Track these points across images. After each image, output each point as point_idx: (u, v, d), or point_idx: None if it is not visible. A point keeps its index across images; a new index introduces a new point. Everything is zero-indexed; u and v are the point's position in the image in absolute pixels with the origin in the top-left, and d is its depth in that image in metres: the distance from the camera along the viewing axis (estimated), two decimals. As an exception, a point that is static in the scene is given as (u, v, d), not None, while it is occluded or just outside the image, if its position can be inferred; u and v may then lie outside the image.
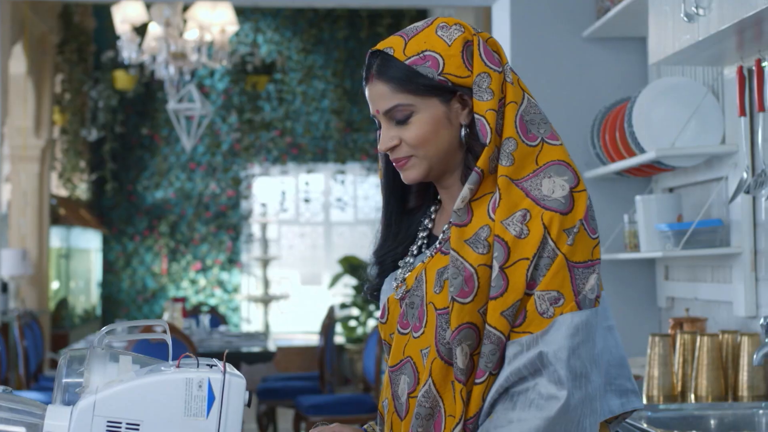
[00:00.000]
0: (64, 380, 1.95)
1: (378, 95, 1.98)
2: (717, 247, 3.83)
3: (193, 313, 9.25)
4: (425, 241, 2.07)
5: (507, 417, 1.82)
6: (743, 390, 3.53)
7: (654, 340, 3.67)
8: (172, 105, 8.74)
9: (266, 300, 12.33)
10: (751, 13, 2.97)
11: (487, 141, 1.90)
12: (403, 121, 1.96)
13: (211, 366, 1.89)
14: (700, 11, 3.28)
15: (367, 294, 2.18)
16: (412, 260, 2.06)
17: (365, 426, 2.18)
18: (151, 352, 6.52)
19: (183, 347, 6.46)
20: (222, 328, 8.81)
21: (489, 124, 1.90)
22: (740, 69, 3.60)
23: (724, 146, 3.82)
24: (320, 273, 13.30)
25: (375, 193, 13.14)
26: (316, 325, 12.54)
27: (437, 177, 2.02)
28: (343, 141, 12.72)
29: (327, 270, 13.17)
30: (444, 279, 1.92)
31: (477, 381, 1.87)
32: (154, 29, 8.21)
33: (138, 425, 1.80)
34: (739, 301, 3.78)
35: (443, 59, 1.93)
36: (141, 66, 11.11)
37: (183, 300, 7.88)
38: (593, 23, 4.73)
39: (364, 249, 12.92)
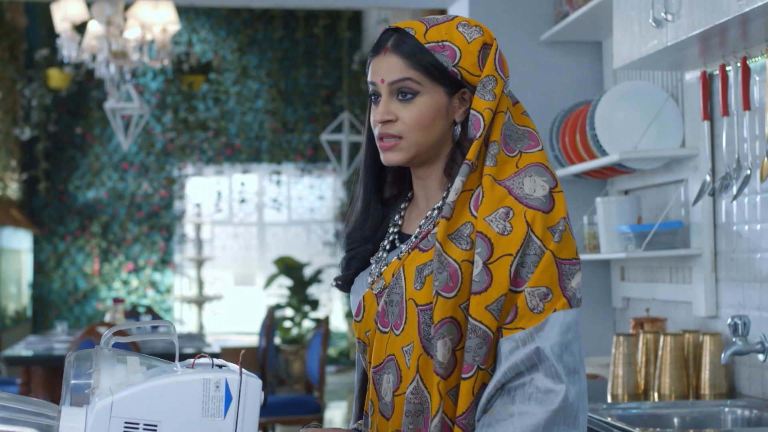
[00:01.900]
0: (73, 381, 1.94)
1: (389, 67, 2.00)
2: (677, 248, 3.90)
3: (131, 314, 9.15)
4: (396, 237, 2.10)
5: (507, 411, 1.86)
6: (705, 388, 3.60)
7: (618, 340, 3.73)
8: (111, 104, 8.65)
9: (200, 301, 12.26)
10: (724, 19, 3.03)
11: (477, 135, 1.96)
12: (406, 99, 1.99)
13: (220, 366, 1.89)
14: (669, 17, 3.34)
15: (337, 285, 2.20)
16: (385, 255, 2.08)
17: (355, 426, 2.20)
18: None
19: (127, 349, 6.41)
20: (162, 329, 8.74)
21: (484, 120, 1.96)
22: (704, 74, 3.67)
23: (685, 149, 3.89)
24: (253, 274, 13.26)
25: (309, 194, 13.12)
26: (250, 325, 12.51)
27: (417, 166, 2.05)
28: (277, 142, 12.68)
29: (260, 271, 13.13)
30: (425, 275, 1.95)
31: (465, 376, 1.90)
32: (95, 27, 8.12)
33: (155, 426, 1.80)
34: (699, 302, 3.85)
35: (460, 53, 1.98)
36: (75, 64, 10.98)
37: (122, 301, 7.77)
38: (551, 27, 4.79)
39: (298, 250, 12.91)
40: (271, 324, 8.41)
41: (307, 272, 12.54)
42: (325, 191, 13.13)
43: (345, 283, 2.17)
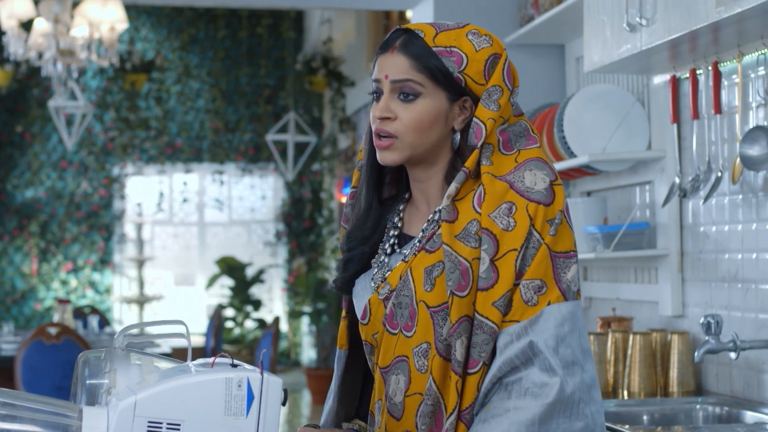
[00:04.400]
0: (88, 382, 1.94)
1: (394, 65, 2.02)
2: (644, 249, 3.97)
3: (76, 314, 9.06)
4: (396, 240, 2.11)
5: (503, 406, 1.88)
6: (674, 386, 3.68)
7: (589, 339, 3.78)
8: (58, 102, 8.57)
9: (141, 301, 12.17)
10: (701, 25, 3.09)
11: (479, 144, 1.98)
12: (407, 99, 2.01)
13: (234, 366, 1.90)
14: (644, 22, 3.39)
15: (335, 286, 2.19)
16: (386, 260, 2.09)
17: (351, 425, 2.21)
18: (46, 352, 6.40)
19: (78, 348, 6.35)
20: (108, 329, 8.67)
21: (486, 129, 1.98)
22: (673, 78, 3.74)
23: (653, 152, 3.96)
24: (194, 274, 13.18)
25: (250, 193, 13.08)
26: (191, 326, 12.41)
27: (414, 166, 2.06)
28: (219, 141, 12.64)
29: (201, 271, 13.06)
30: (434, 277, 1.97)
31: (470, 371, 1.93)
32: (42, 25, 8.03)
33: (179, 425, 1.80)
34: (666, 301, 3.92)
35: (467, 60, 2.00)
36: (15, 62, 10.84)
37: (69, 302, 7.70)
38: (515, 30, 4.84)
39: (239, 249, 12.86)
40: (219, 324, 8.39)
41: (249, 272, 12.50)
42: (266, 191, 13.10)
43: (344, 284, 2.17)
